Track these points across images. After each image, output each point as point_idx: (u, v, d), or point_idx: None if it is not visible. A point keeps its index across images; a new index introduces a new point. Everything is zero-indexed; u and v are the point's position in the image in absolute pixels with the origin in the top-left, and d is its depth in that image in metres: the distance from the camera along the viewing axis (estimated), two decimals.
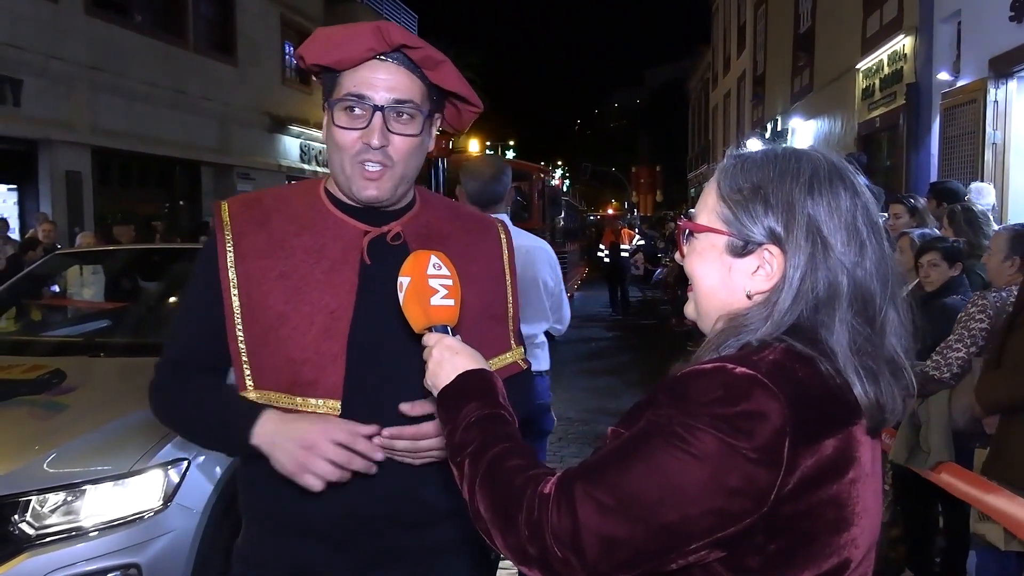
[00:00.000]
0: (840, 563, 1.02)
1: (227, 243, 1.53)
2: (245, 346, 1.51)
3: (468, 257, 1.60)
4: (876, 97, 11.18)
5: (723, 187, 1.10)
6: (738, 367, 0.98)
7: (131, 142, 13.55)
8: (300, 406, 1.48)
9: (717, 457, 0.94)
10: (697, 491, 0.94)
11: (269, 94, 18.26)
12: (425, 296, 1.28)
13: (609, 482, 0.97)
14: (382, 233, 1.55)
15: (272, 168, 18.52)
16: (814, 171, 1.06)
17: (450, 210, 1.71)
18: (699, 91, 37.07)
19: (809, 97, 15.41)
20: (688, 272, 1.15)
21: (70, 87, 12.18)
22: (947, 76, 8.82)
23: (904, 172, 9.90)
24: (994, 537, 3.02)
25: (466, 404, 1.13)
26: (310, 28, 20.23)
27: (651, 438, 0.98)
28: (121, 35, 13.40)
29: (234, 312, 1.51)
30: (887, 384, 1.04)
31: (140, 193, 14.88)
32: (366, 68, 1.46)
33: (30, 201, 12.17)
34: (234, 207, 1.59)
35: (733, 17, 25.61)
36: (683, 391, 0.99)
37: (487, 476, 1.04)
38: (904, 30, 10.03)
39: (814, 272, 1.03)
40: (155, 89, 14.00)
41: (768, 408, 0.95)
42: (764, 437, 0.94)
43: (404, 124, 1.49)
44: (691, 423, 0.96)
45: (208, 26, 16.41)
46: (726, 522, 0.95)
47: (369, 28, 1.45)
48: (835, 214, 1.04)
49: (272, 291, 1.50)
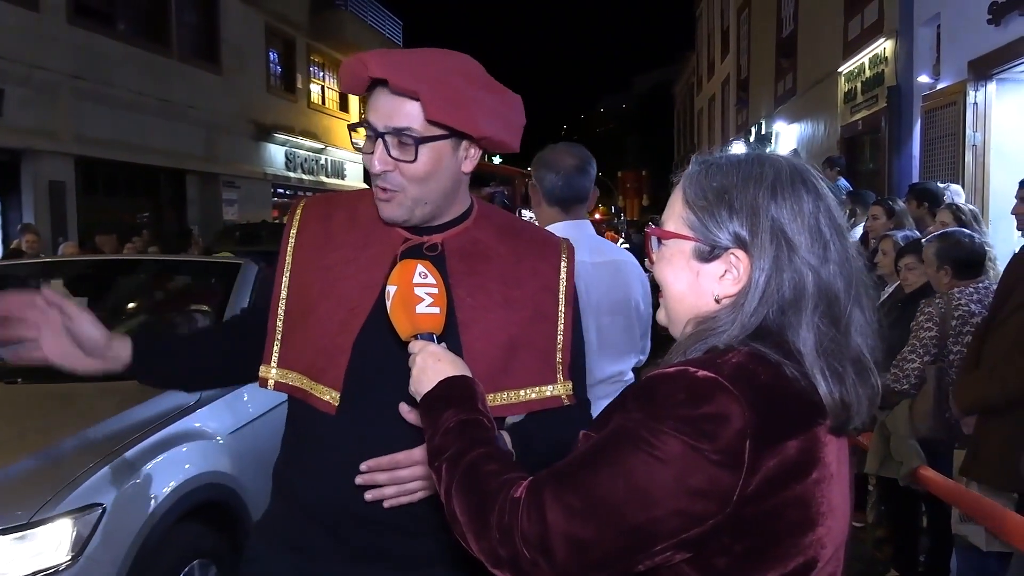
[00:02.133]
0: (806, 562, 1.03)
1: (292, 229, 1.65)
2: (282, 325, 1.62)
3: (515, 281, 1.58)
4: (858, 100, 11.26)
5: (688, 193, 1.12)
6: (700, 370, 1.00)
7: (115, 151, 13.47)
8: (312, 389, 1.56)
9: (681, 459, 0.96)
10: (662, 493, 0.96)
11: (254, 102, 18.22)
12: (411, 304, 1.32)
13: (577, 485, 0.99)
14: (421, 243, 1.59)
15: (258, 176, 18.46)
16: (777, 175, 1.07)
17: (508, 227, 1.67)
18: (684, 96, 37.22)
19: (792, 101, 15.50)
20: (657, 278, 1.17)
21: (53, 96, 12.11)
22: (927, 79, 8.90)
23: (886, 174, 9.97)
24: (975, 538, 3.04)
25: (446, 409, 1.15)
26: (295, 36, 20.25)
27: (618, 442, 1.00)
28: (104, 44, 13.34)
29: (281, 292, 1.63)
30: (852, 384, 1.05)
31: (125, 202, 14.80)
32: (376, 96, 1.50)
33: (13, 211, 12.09)
34: (310, 201, 1.71)
35: (716, 22, 25.74)
36: (649, 395, 1.01)
37: (463, 480, 1.06)
38: (885, 33, 10.12)
39: (779, 274, 1.05)
40: (139, 97, 13.94)
41: (729, 411, 0.97)
42: (726, 439, 0.96)
43: (403, 150, 1.49)
44: (656, 426, 0.98)
45: (192, 34, 16.35)
46: (690, 523, 0.97)
47: (351, 60, 1.50)
48: (798, 216, 1.06)
49: (313, 280, 1.60)
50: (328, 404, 1.54)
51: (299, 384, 1.58)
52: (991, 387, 2.99)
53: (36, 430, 2.84)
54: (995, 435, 2.98)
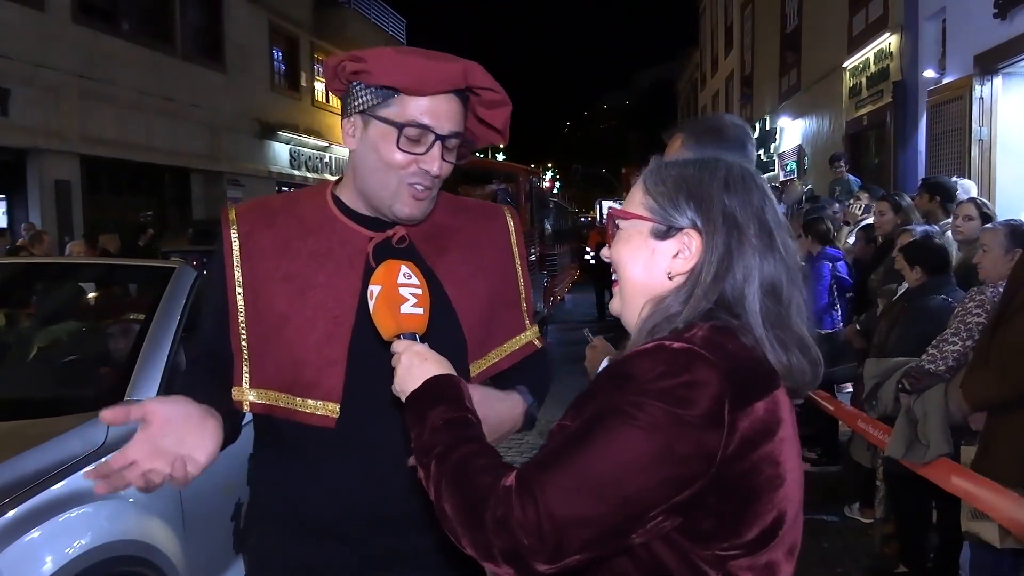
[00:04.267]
0: (777, 517, 1.11)
1: (233, 242, 1.57)
2: (247, 344, 1.54)
3: (476, 246, 1.66)
4: (863, 95, 11.24)
5: (649, 183, 1.22)
6: (675, 343, 1.08)
7: (120, 150, 13.50)
8: (299, 407, 1.51)
9: (666, 427, 1.01)
10: (651, 461, 1.01)
11: (258, 101, 18.24)
12: (395, 304, 1.31)
13: (568, 466, 1.02)
14: (387, 237, 1.58)
15: (262, 174, 18.48)
16: (728, 171, 1.19)
17: (454, 204, 1.73)
18: (688, 92, 37.16)
19: (797, 96, 15.47)
20: (615, 260, 1.25)
21: (58, 96, 12.14)
22: (933, 73, 8.88)
23: (892, 170, 9.95)
24: (988, 535, 3.03)
25: (433, 408, 1.17)
26: (299, 34, 20.26)
27: (603, 419, 1.04)
28: (109, 43, 13.36)
29: (238, 310, 1.55)
30: (797, 356, 1.15)
31: (130, 201, 14.83)
32: (433, 99, 1.48)
33: (19, 210, 12.13)
34: (241, 208, 1.63)
35: (720, 17, 25.69)
36: (627, 373, 1.07)
37: (453, 476, 1.08)
38: (890, 28, 10.09)
39: (730, 255, 1.15)
40: (144, 97, 13.96)
41: (707, 376, 1.04)
42: (706, 403, 1.03)
43: (452, 153, 1.53)
44: (639, 399, 1.03)
45: (196, 33, 16.36)
46: (681, 486, 1.03)
47: (459, 69, 1.48)
48: (747, 207, 1.16)
49: (276, 292, 1.53)
50: (324, 418, 1.50)
51: (279, 403, 1.52)
52: (1001, 384, 2.98)
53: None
54: (1005, 432, 2.97)
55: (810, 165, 14.73)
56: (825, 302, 5.87)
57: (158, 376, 2.74)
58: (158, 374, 2.75)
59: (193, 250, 8.40)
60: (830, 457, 5.77)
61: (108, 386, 2.82)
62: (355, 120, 1.53)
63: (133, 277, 4.02)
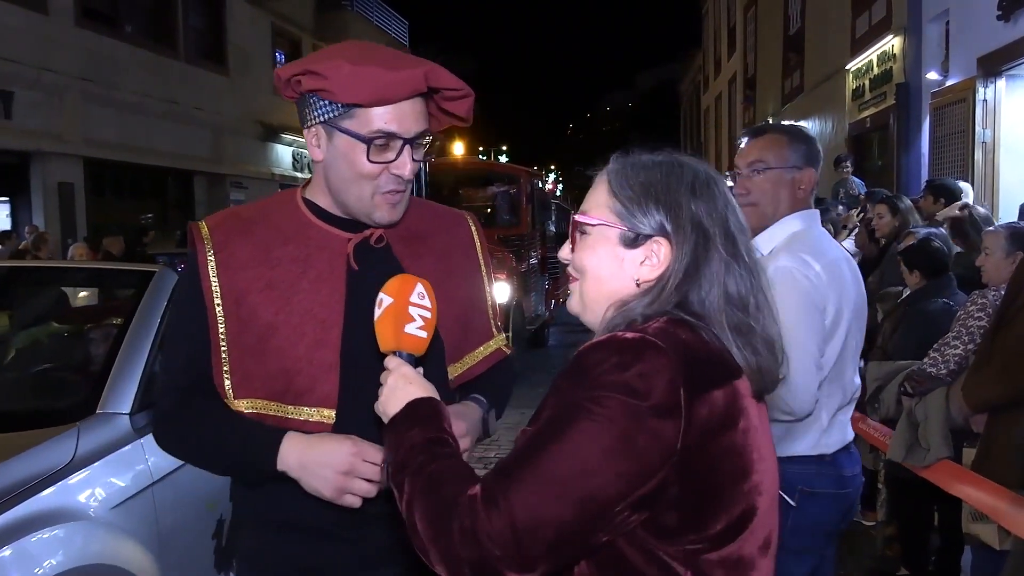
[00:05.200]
0: (747, 509, 1.11)
1: (208, 254, 1.53)
2: (228, 356, 1.51)
3: (446, 251, 1.67)
4: (866, 97, 11.22)
5: (614, 185, 1.20)
6: (627, 333, 1.09)
7: (123, 153, 13.53)
8: (291, 414, 1.50)
9: (622, 419, 1.01)
10: (611, 454, 1.01)
11: (261, 103, 18.25)
12: (402, 321, 1.28)
13: (529, 469, 1.01)
14: (365, 238, 1.58)
15: (265, 176, 18.50)
16: (695, 176, 1.19)
17: (423, 208, 1.73)
18: (690, 93, 37.16)
19: (800, 98, 15.46)
20: (578, 265, 1.24)
21: (61, 98, 12.17)
22: (936, 76, 8.86)
23: (895, 172, 9.94)
24: (988, 537, 3.02)
25: (411, 428, 1.16)
26: (301, 37, 20.28)
27: (560, 418, 1.04)
28: (112, 46, 13.39)
29: (217, 322, 1.51)
30: (765, 355, 1.16)
31: (133, 203, 14.86)
32: (397, 105, 1.47)
33: (23, 213, 12.15)
34: (212, 222, 1.60)
35: (723, 19, 25.69)
36: (581, 368, 1.07)
37: (423, 489, 1.07)
38: (893, 30, 10.08)
39: (696, 263, 1.15)
40: (146, 99, 13.99)
41: (660, 364, 1.04)
42: (661, 391, 1.03)
43: (419, 151, 1.53)
44: (593, 392, 1.03)
45: (198, 36, 16.39)
46: (643, 478, 1.02)
47: (419, 76, 1.45)
48: (713, 213, 1.17)
49: (260, 302, 1.51)
50: (319, 424, 1.50)
51: (269, 411, 1.51)
52: (1001, 385, 2.98)
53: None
54: (1005, 433, 2.97)
55: None
56: None
57: (134, 386, 2.57)
58: (134, 384, 2.58)
59: (181, 253, 8.33)
60: None
61: (81, 397, 2.63)
62: (317, 131, 1.51)
63: (112, 281, 3.83)
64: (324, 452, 1.44)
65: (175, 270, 3.04)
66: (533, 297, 10.90)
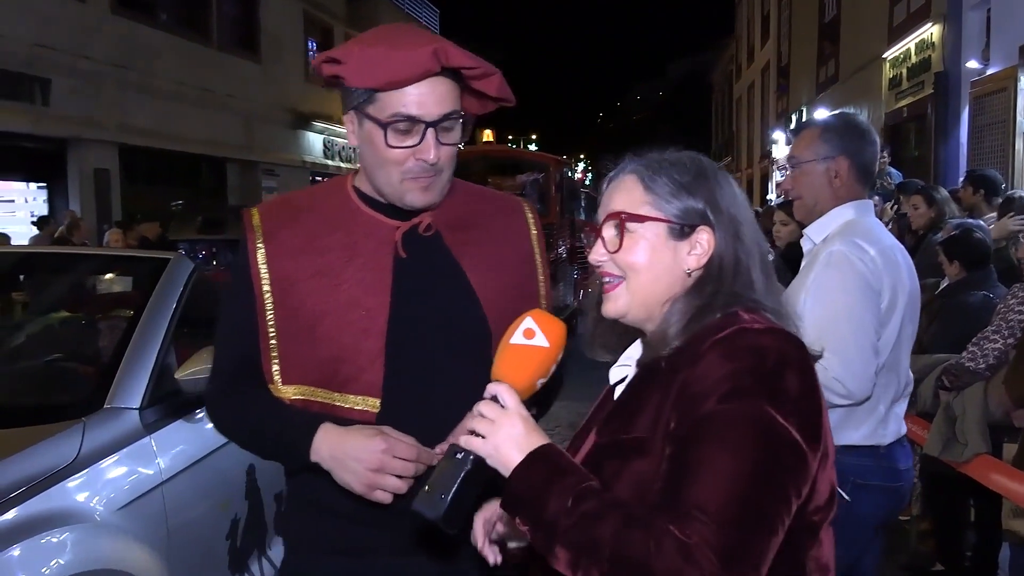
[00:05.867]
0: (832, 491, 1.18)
1: (257, 242, 1.55)
2: (277, 342, 1.52)
3: (499, 239, 1.63)
4: (903, 87, 11.05)
5: (647, 181, 1.23)
6: (753, 324, 1.14)
7: (157, 140, 13.68)
8: (338, 401, 1.51)
9: (777, 426, 1.05)
10: (788, 471, 1.05)
11: (292, 91, 18.36)
12: (541, 372, 1.17)
13: (718, 509, 0.98)
14: (413, 225, 1.56)
15: (296, 164, 18.63)
16: (712, 167, 1.26)
17: (476, 195, 1.71)
18: (722, 82, 36.79)
19: (835, 87, 15.25)
20: (627, 263, 1.22)
21: (98, 86, 12.32)
22: (976, 64, 8.70)
23: (932, 162, 9.78)
24: None
25: (551, 484, 1.05)
26: (333, 25, 20.36)
27: (727, 439, 1.03)
28: (147, 34, 13.53)
29: (266, 309, 1.52)
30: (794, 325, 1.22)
31: (167, 190, 15.03)
32: (416, 87, 1.43)
33: (59, 199, 12.34)
34: (264, 209, 1.61)
35: (757, 7, 25.38)
36: (755, 370, 1.08)
37: (607, 559, 0.99)
38: (932, 18, 9.90)
39: (739, 244, 1.21)
40: (181, 87, 14.12)
41: (789, 352, 1.11)
42: (797, 381, 1.08)
43: (450, 134, 1.50)
44: (742, 400, 1.05)
45: (232, 24, 16.51)
46: (806, 474, 1.07)
47: (427, 53, 1.42)
48: (735, 199, 1.24)
49: (308, 290, 1.52)
50: (364, 413, 1.50)
51: (317, 397, 1.51)
52: None
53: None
54: None
55: None
56: None
57: (144, 379, 2.45)
58: (144, 377, 2.46)
59: (201, 239, 8.22)
60: None
61: (88, 390, 2.53)
62: (351, 117, 1.51)
63: (124, 268, 3.68)
64: (355, 447, 1.42)
65: (195, 257, 2.96)
66: (562, 287, 10.87)
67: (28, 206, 12.32)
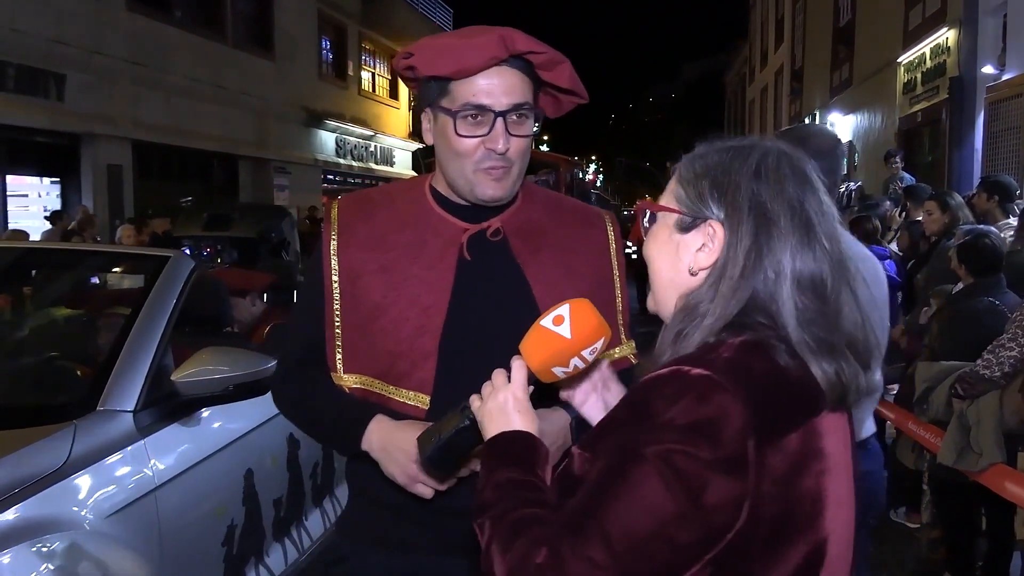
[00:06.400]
0: (813, 557, 1.03)
1: (332, 233, 1.60)
2: (341, 331, 1.57)
3: (571, 250, 1.63)
4: (918, 91, 10.98)
5: (682, 171, 1.15)
6: (693, 368, 0.99)
7: (171, 136, 13.74)
8: (393, 394, 1.55)
9: (688, 475, 0.93)
10: (679, 516, 0.94)
11: (306, 89, 18.41)
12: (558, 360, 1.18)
13: (595, 534, 0.95)
14: (481, 229, 1.58)
15: (308, 162, 18.67)
16: (763, 157, 1.10)
17: (554, 203, 1.71)
18: (736, 85, 36.69)
19: (848, 91, 15.18)
20: (646, 256, 1.18)
21: (112, 82, 12.38)
22: (992, 70, 8.65)
23: (946, 168, 9.72)
24: None
25: (502, 464, 1.11)
26: (347, 24, 20.40)
27: (623, 470, 0.97)
28: (161, 30, 13.59)
29: (333, 298, 1.58)
30: (846, 360, 1.04)
31: (179, 186, 15.09)
32: (483, 76, 1.46)
33: (72, 194, 12.40)
34: (343, 202, 1.67)
35: (771, 10, 25.30)
36: (644, 407, 0.99)
37: (503, 539, 1.02)
38: (948, 23, 9.84)
39: (758, 248, 1.05)
40: (194, 84, 14.19)
41: (728, 410, 0.95)
42: (729, 442, 0.94)
43: (520, 125, 1.51)
44: (657, 442, 0.95)
45: (246, 21, 16.58)
46: (714, 538, 0.95)
47: (494, 39, 1.45)
48: (780, 195, 1.07)
49: (371, 283, 1.56)
50: (415, 408, 1.53)
51: (374, 388, 1.56)
52: None
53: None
54: None
55: (860, 162, 14.45)
56: None
57: (140, 381, 2.37)
58: (140, 379, 2.38)
59: (207, 236, 8.06)
60: None
61: (81, 392, 2.44)
62: (427, 114, 1.55)
63: (123, 266, 3.57)
64: (403, 439, 1.46)
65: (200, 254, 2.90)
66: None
67: (41, 201, 12.38)
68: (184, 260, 2.85)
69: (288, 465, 3.06)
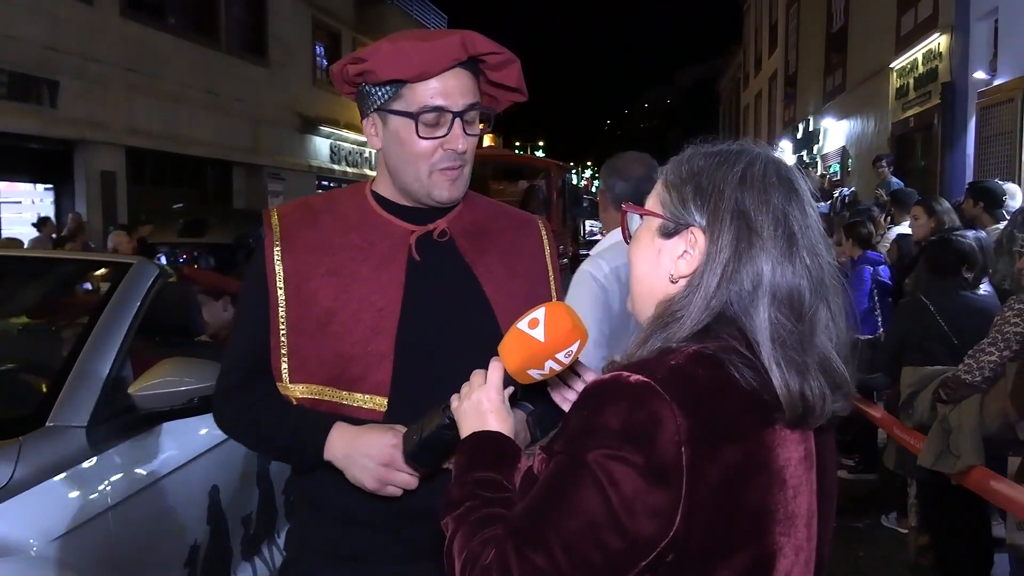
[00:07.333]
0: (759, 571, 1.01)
1: (274, 240, 1.57)
2: (287, 339, 1.53)
3: (512, 251, 1.65)
4: (910, 97, 11.02)
5: (668, 174, 1.12)
6: (632, 375, 0.98)
7: (164, 142, 13.74)
8: (346, 400, 1.52)
9: (620, 480, 0.94)
10: (611, 522, 0.94)
11: (300, 95, 18.42)
12: (534, 362, 1.19)
13: (538, 537, 0.96)
14: (429, 231, 1.57)
15: (302, 168, 18.67)
16: (749, 164, 1.07)
17: (493, 208, 1.73)
18: (730, 91, 36.78)
19: (841, 97, 15.23)
20: (629, 259, 1.16)
21: (106, 88, 12.38)
22: (983, 75, 8.68)
23: (938, 173, 9.74)
24: None
25: (473, 464, 1.12)
26: (341, 30, 20.42)
27: (563, 474, 0.98)
28: (155, 37, 13.60)
29: (278, 305, 1.54)
30: (815, 379, 1.01)
31: (173, 192, 15.06)
32: (441, 78, 1.47)
33: (66, 200, 12.39)
34: (283, 209, 1.64)
35: (765, 16, 25.38)
36: (585, 411, 1.00)
37: (463, 537, 1.03)
38: (939, 28, 9.88)
39: (737, 258, 1.03)
40: (188, 90, 14.18)
41: (661, 416, 0.94)
42: (662, 448, 0.94)
43: (473, 125, 1.52)
44: (593, 448, 0.96)
45: (240, 28, 16.59)
46: (646, 545, 0.95)
47: (456, 41, 1.46)
48: (763, 205, 1.04)
49: (320, 287, 1.53)
50: (371, 412, 1.51)
51: (325, 396, 1.52)
52: None
53: None
54: None
55: (854, 167, 14.49)
56: (866, 307, 5.75)
57: (94, 395, 2.23)
58: (95, 392, 2.23)
59: (182, 243, 7.95)
60: (868, 465, 5.66)
61: (31, 406, 2.26)
62: (373, 119, 1.54)
63: (82, 273, 3.41)
64: (367, 443, 1.44)
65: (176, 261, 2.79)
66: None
67: (35, 207, 12.37)
68: (147, 267, 2.72)
69: (258, 480, 2.94)
